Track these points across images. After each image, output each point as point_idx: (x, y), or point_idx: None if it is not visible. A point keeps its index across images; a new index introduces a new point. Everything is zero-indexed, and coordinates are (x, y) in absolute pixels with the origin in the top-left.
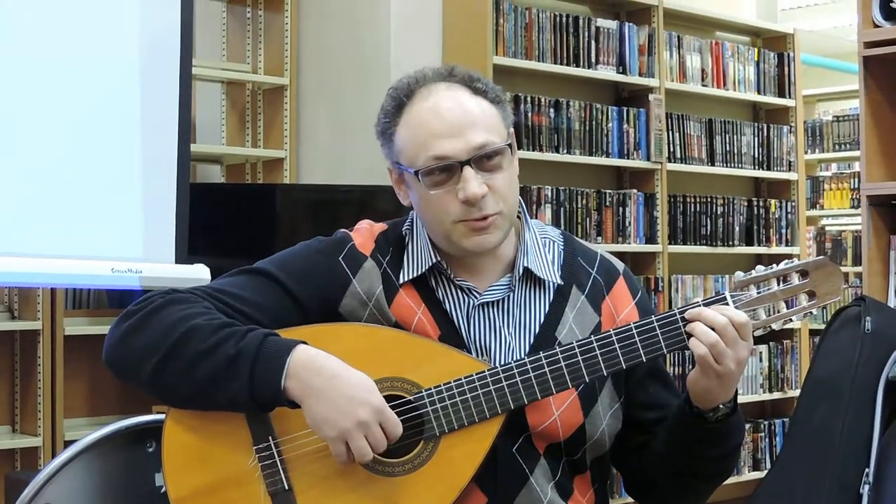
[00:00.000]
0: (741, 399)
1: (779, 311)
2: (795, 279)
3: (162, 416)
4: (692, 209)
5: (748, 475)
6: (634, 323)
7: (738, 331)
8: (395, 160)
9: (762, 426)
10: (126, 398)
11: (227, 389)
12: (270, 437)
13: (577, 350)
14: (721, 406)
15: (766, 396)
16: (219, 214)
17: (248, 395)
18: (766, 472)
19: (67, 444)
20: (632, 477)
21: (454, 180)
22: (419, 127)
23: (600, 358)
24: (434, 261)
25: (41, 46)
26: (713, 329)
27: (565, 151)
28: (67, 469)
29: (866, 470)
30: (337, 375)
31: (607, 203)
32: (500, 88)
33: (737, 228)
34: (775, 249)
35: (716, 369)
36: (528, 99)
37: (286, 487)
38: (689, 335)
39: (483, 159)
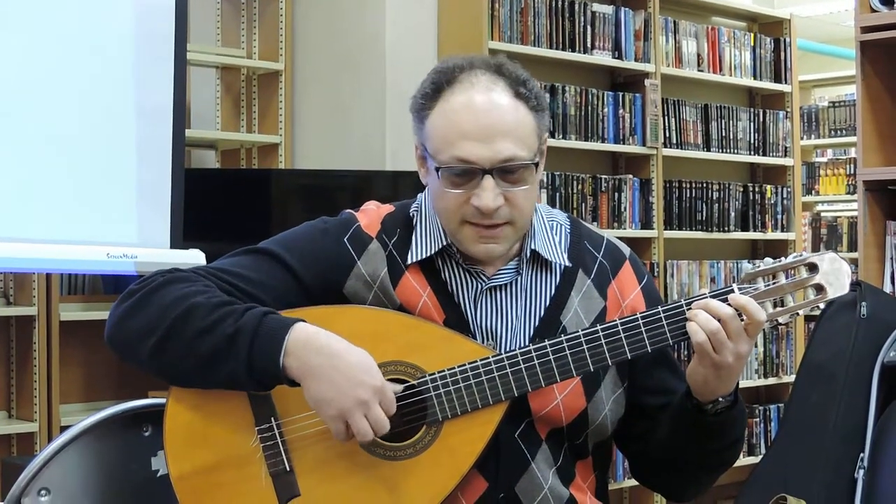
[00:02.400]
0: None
1: (785, 305)
2: (803, 272)
3: (158, 401)
4: (688, 194)
5: (743, 460)
6: (641, 313)
7: (748, 327)
8: (423, 142)
9: (757, 411)
10: (122, 383)
11: (226, 368)
12: (273, 418)
13: (582, 339)
14: (721, 399)
15: (762, 382)
16: (214, 200)
17: (246, 373)
18: (761, 457)
19: (63, 429)
20: (637, 462)
21: (473, 184)
22: (451, 121)
23: (605, 348)
24: (445, 243)
25: (34, 31)
26: (718, 319)
27: (561, 137)
28: (63, 454)
29: (861, 455)
30: (336, 354)
31: (603, 188)
32: (545, 95)
33: (732, 214)
34: (771, 235)
35: (713, 359)
36: None
37: (287, 469)
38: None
39: (505, 171)
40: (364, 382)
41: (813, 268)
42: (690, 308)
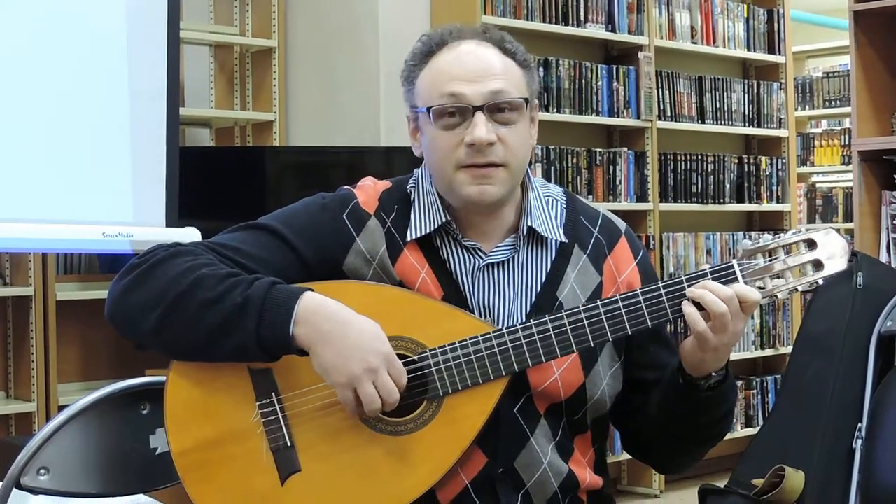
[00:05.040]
0: (733, 357)
1: (784, 281)
2: (802, 249)
3: (155, 379)
4: (683, 167)
5: (741, 432)
6: (640, 289)
7: (744, 306)
8: (412, 104)
9: (754, 383)
10: (119, 362)
11: (235, 338)
12: (273, 394)
13: (582, 314)
14: (713, 374)
15: (758, 353)
16: (208, 177)
17: (255, 342)
18: (758, 428)
19: (61, 408)
20: (629, 436)
21: (465, 125)
22: (441, 71)
23: (606, 323)
24: (443, 220)
25: (27, 11)
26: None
27: (555, 110)
28: (62, 433)
29: (859, 425)
30: (346, 321)
31: (598, 162)
32: (531, 56)
33: (727, 186)
34: (766, 207)
35: (713, 343)
36: None
37: (288, 444)
38: (697, 303)
39: (497, 108)
40: (373, 349)
41: (812, 244)
42: (690, 291)
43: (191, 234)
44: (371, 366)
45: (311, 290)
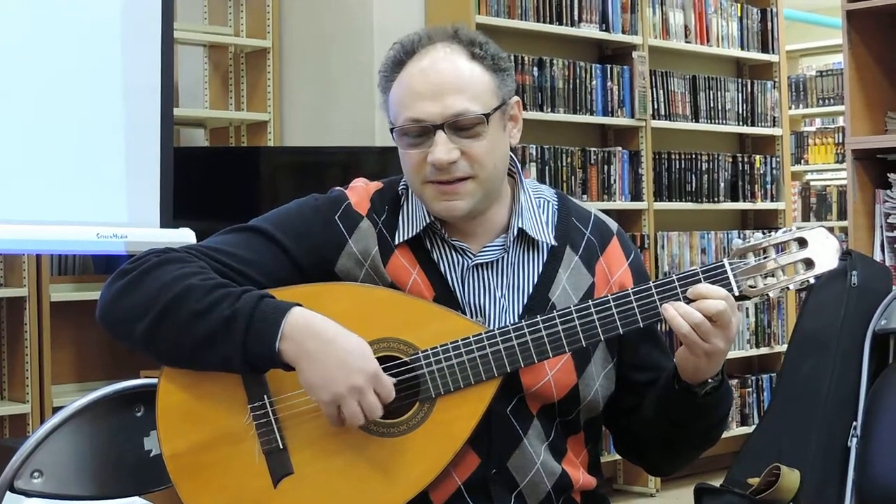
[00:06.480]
0: (728, 355)
1: (776, 279)
2: (793, 247)
3: (150, 381)
4: (677, 166)
5: (736, 430)
6: (632, 289)
7: (713, 319)
8: (389, 117)
9: (749, 382)
10: (114, 363)
11: (221, 351)
12: (265, 396)
13: (574, 314)
14: (709, 380)
15: (754, 352)
16: (203, 178)
17: (241, 356)
18: (753, 427)
19: (56, 410)
20: (621, 437)
21: (428, 143)
22: (406, 87)
23: (597, 322)
24: (428, 221)
25: (21, 11)
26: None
27: (549, 110)
28: (56, 435)
29: (854, 423)
30: (332, 339)
31: (592, 161)
32: (504, 57)
33: (722, 185)
34: (760, 205)
35: (704, 347)
36: (512, 58)
37: (280, 446)
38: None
39: (458, 126)
40: (359, 369)
41: (802, 243)
42: (682, 284)
43: (185, 235)
44: (356, 385)
45: (300, 304)
